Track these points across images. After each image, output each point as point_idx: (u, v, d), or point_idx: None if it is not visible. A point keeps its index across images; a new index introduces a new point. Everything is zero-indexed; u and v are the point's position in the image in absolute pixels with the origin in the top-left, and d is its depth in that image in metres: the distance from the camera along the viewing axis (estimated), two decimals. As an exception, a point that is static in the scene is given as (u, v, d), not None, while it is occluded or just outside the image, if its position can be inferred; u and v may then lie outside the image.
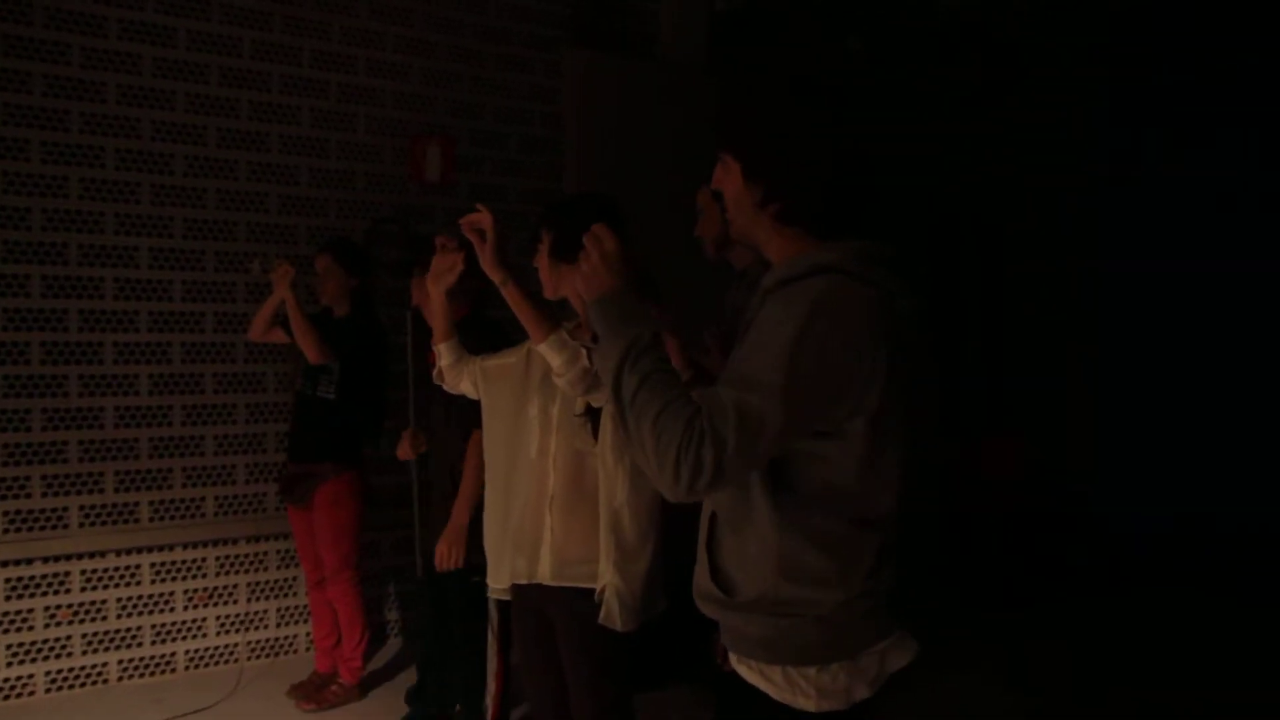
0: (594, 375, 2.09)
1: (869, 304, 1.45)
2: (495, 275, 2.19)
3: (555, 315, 2.26)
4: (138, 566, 3.99)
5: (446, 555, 3.14)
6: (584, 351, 2.11)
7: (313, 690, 3.79)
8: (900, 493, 1.52)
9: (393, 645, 4.48)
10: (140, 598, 4.00)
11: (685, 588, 1.75)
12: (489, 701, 3.26)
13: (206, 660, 4.13)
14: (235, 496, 4.18)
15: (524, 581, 2.35)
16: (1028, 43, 5.98)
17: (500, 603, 3.15)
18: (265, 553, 4.24)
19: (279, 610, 4.27)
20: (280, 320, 3.77)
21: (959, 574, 5.35)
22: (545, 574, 2.31)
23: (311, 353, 3.62)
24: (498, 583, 2.46)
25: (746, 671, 1.54)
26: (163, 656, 4.04)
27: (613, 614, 2.22)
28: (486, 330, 3.29)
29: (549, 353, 2.15)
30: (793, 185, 1.53)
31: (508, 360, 2.50)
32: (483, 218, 2.22)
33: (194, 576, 4.10)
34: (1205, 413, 5.88)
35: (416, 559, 3.64)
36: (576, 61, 5.04)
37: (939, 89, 6.02)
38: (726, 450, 1.34)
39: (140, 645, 4.00)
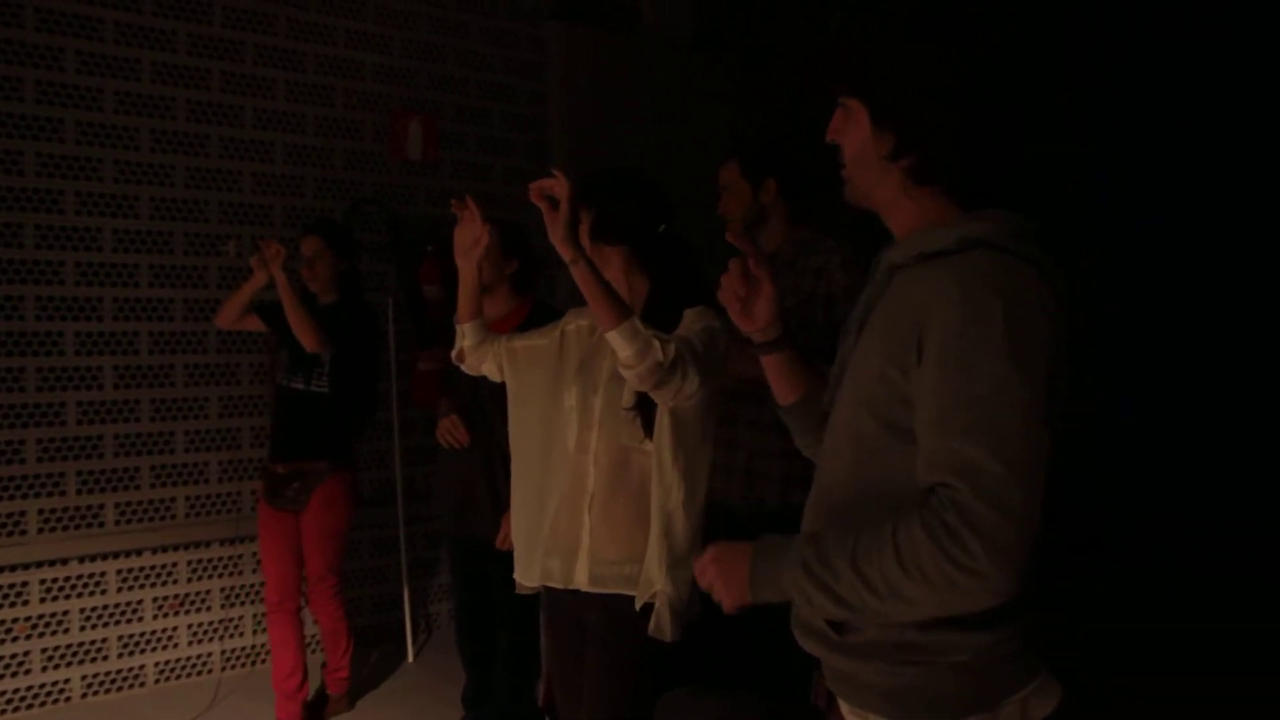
0: (667, 369, 1.90)
1: (1039, 286, 1.24)
2: (566, 251, 1.92)
3: (626, 302, 2.03)
4: (102, 574, 3.70)
5: (509, 533, 2.95)
6: (658, 344, 1.90)
7: None
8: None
9: (374, 651, 4.24)
10: (105, 608, 3.71)
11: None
12: (540, 696, 3.16)
13: (179, 672, 3.85)
14: (208, 496, 3.90)
15: (558, 586, 2.17)
16: (1010, 29, 5.90)
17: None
18: (240, 555, 3.97)
19: (256, 616, 4.00)
20: (255, 307, 3.46)
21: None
22: (582, 579, 2.13)
23: (309, 341, 3.31)
24: (527, 580, 2.26)
25: None
26: (130, 670, 3.76)
27: (664, 624, 2.05)
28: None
29: (619, 342, 1.90)
30: (932, 134, 1.32)
31: (538, 342, 2.30)
32: (558, 184, 1.94)
33: (164, 583, 3.82)
34: (1185, 400, 5.91)
35: (446, 553, 3.38)
36: (560, 35, 4.82)
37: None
38: (1009, 519, 1.14)
39: (106, 659, 3.71)
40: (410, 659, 4.19)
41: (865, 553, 1.22)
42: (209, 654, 3.91)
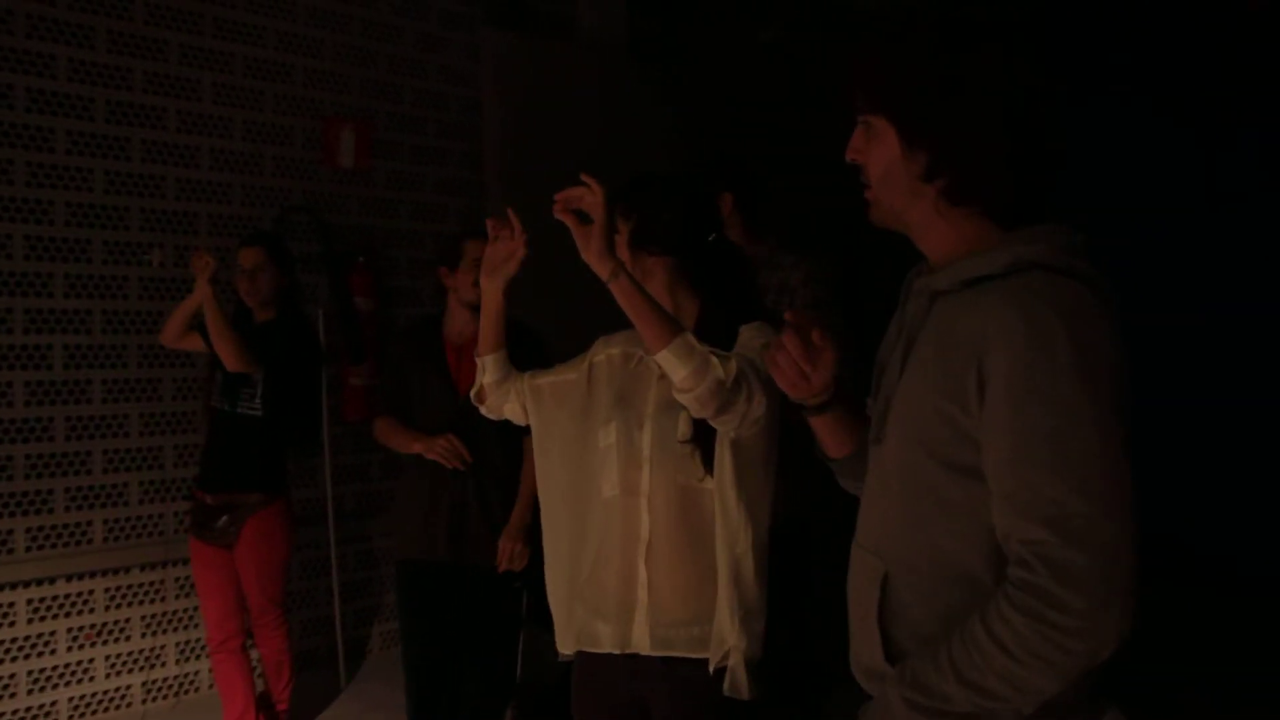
0: (730, 389, 1.68)
1: (1098, 306, 1.17)
2: (604, 267, 1.69)
3: (675, 317, 1.79)
4: (11, 604, 3.45)
5: (512, 553, 2.86)
6: (717, 361, 1.67)
7: None
8: None
9: (303, 677, 4.07)
10: (15, 640, 3.46)
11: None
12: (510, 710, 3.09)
13: (95, 707, 3.62)
14: (128, 520, 3.68)
15: (613, 651, 1.89)
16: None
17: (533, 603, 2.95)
18: (163, 581, 3.76)
19: (180, 645, 3.80)
20: (198, 325, 3.23)
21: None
22: (642, 642, 1.86)
23: (230, 359, 3.11)
24: (566, 648, 2.00)
25: None
26: (41, 707, 3.51)
27: (739, 683, 1.80)
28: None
29: (672, 362, 1.67)
30: (969, 152, 1.23)
31: (565, 377, 2.05)
32: (591, 196, 1.70)
33: (79, 612, 3.59)
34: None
35: (401, 579, 3.14)
36: (494, 42, 4.74)
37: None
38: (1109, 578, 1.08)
39: (14, 696, 3.46)
40: (343, 685, 4.03)
41: (968, 664, 1.15)
42: (128, 686, 3.69)
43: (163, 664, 3.77)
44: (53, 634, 3.53)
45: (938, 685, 1.17)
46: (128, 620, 3.68)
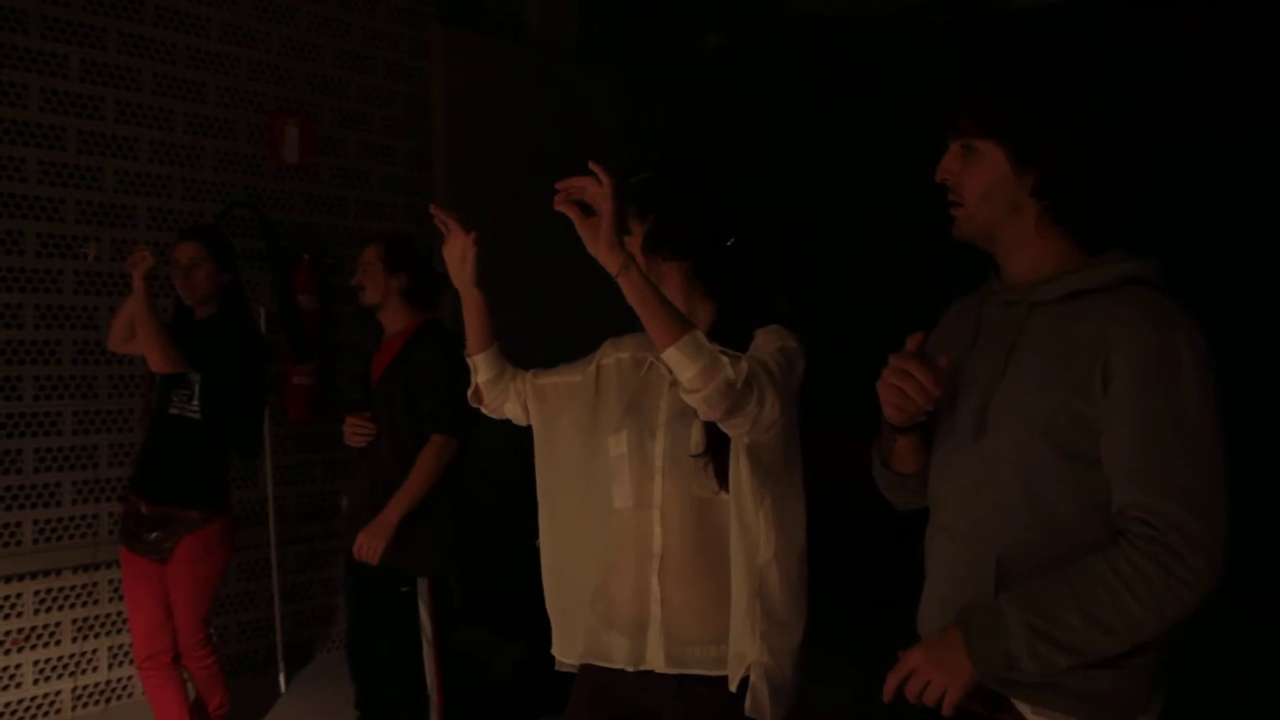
0: (740, 389, 1.59)
1: (1195, 319, 1.35)
2: (614, 259, 1.59)
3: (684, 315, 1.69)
4: (-65, 607, 3.34)
5: (365, 547, 2.91)
6: (726, 361, 1.59)
7: None
8: None
9: (241, 681, 3.99)
10: (-62, 644, 3.35)
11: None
12: (434, 715, 3.04)
13: (23, 714, 3.51)
14: (59, 520, 3.57)
15: (627, 668, 1.84)
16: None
17: (435, 609, 3.01)
18: (95, 584, 3.65)
19: (111, 649, 3.69)
20: None
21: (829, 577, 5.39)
22: (656, 659, 1.80)
23: (153, 358, 2.96)
24: (568, 657, 1.95)
25: None
26: (-34, 712, 3.40)
27: (762, 702, 1.73)
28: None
29: (680, 361, 1.57)
30: (1076, 176, 1.40)
31: (571, 379, 1.97)
32: (598, 188, 1.59)
33: (7, 617, 3.47)
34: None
35: (341, 561, 3.20)
36: (442, 39, 4.69)
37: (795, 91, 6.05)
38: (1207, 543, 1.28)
39: (-62, 701, 3.35)
40: (283, 689, 3.96)
41: (1092, 599, 1.29)
42: (57, 692, 3.58)
43: (95, 669, 3.66)
44: (-22, 639, 3.41)
45: (1062, 615, 1.30)
46: (58, 624, 3.58)
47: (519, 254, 3.79)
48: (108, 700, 3.69)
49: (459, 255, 1.89)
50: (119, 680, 3.72)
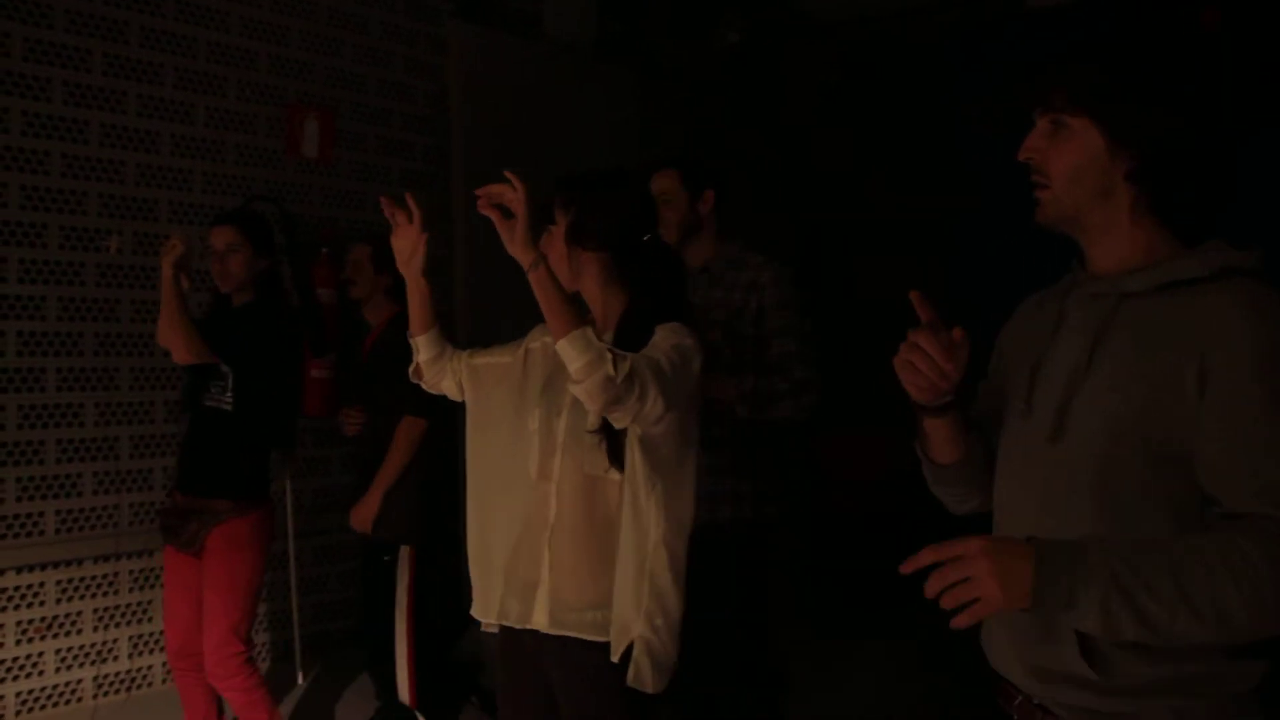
0: (620, 387, 1.73)
1: None
2: (526, 256, 1.80)
3: (582, 310, 1.93)
4: (-41, 596, 3.37)
5: (355, 519, 3.46)
6: (610, 357, 1.75)
7: None
8: None
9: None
10: (-38, 632, 3.38)
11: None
12: (404, 687, 3.33)
13: (45, 702, 3.54)
14: (81, 511, 3.61)
15: (515, 625, 2.04)
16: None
17: (413, 580, 3.43)
18: (117, 574, 3.68)
19: (132, 639, 3.72)
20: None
21: (837, 575, 5.40)
22: (541, 620, 1.97)
23: (177, 350, 2.88)
24: (485, 616, 2.11)
25: None
26: (-11, 700, 3.44)
27: (643, 674, 1.88)
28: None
29: (569, 352, 1.75)
30: (1175, 159, 1.29)
31: (502, 360, 2.16)
32: (513, 194, 1.79)
33: (29, 605, 3.50)
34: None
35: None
36: (461, 36, 4.71)
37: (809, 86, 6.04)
38: None
39: (-39, 688, 3.38)
40: (300, 681, 3.99)
41: (1188, 574, 1.15)
42: (79, 681, 3.62)
43: (116, 658, 3.70)
44: (1, 627, 3.44)
45: (1152, 578, 1.15)
46: (79, 614, 3.61)
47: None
48: (129, 689, 3.73)
49: (410, 248, 2.06)
50: (140, 669, 3.75)
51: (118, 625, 3.69)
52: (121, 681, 3.72)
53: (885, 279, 6.39)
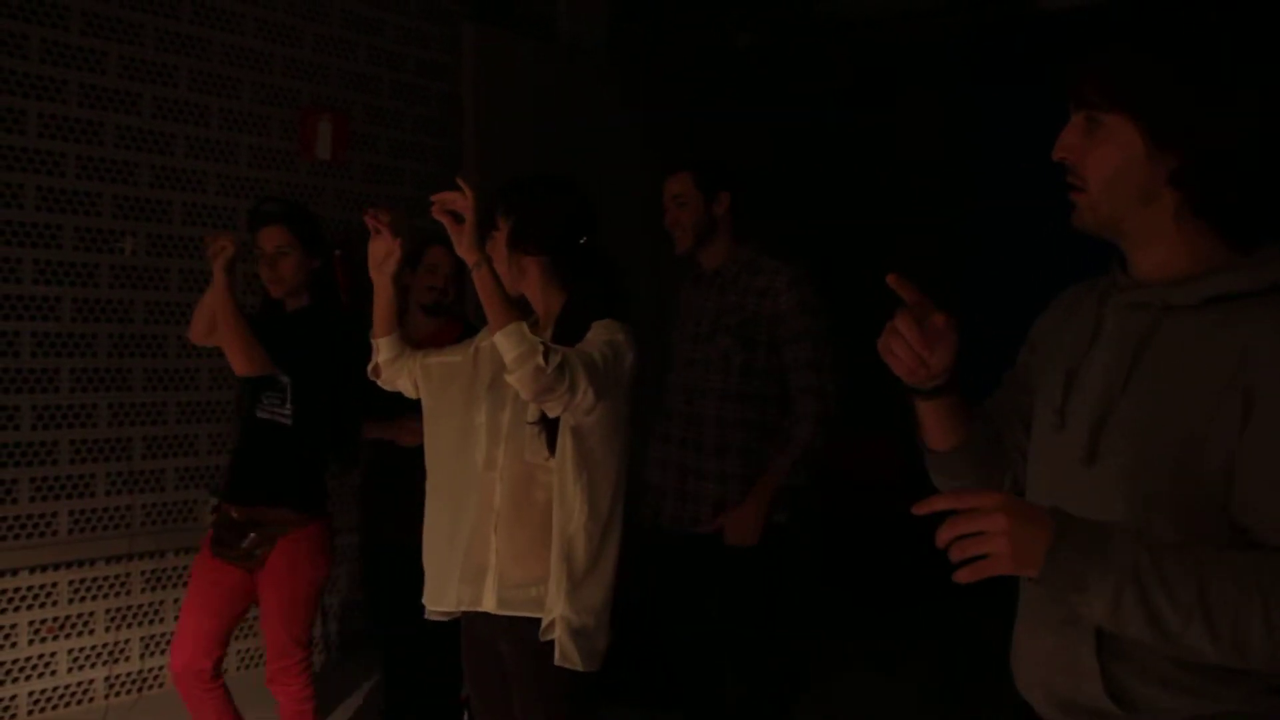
0: (551, 377, 1.88)
1: None
2: (471, 256, 1.96)
3: (522, 309, 2.06)
4: (-28, 595, 3.39)
5: None
6: (541, 348, 1.89)
7: None
8: None
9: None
10: (-25, 632, 3.39)
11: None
12: None
13: (56, 702, 3.55)
14: (94, 511, 3.62)
15: (469, 609, 2.15)
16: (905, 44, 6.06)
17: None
18: (128, 574, 3.69)
19: (144, 639, 3.74)
20: None
21: (847, 576, 5.39)
22: (490, 602, 2.10)
23: (239, 361, 2.67)
24: (438, 605, 2.20)
25: None
26: (1, 701, 3.44)
27: (569, 653, 2.01)
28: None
29: (504, 344, 1.90)
30: (1225, 159, 1.15)
31: (453, 359, 2.28)
32: (462, 200, 1.95)
33: (42, 605, 3.52)
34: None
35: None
36: (474, 38, 4.72)
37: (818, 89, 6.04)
38: None
39: (-26, 688, 3.39)
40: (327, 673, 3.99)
41: (1218, 585, 1.06)
42: (91, 681, 3.63)
43: (127, 658, 3.71)
44: (13, 627, 3.46)
45: (1176, 577, 1.06)
46: (92, 614, 3.62)
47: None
48: (140, 690, 3.74)
49: (383, 254, 2.19)
50: (151, 670, 3.76)
51: (129, 626, 3.70)
52: (133, 682, 3.73)
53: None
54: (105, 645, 3.65)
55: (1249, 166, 1.18)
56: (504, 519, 2.10)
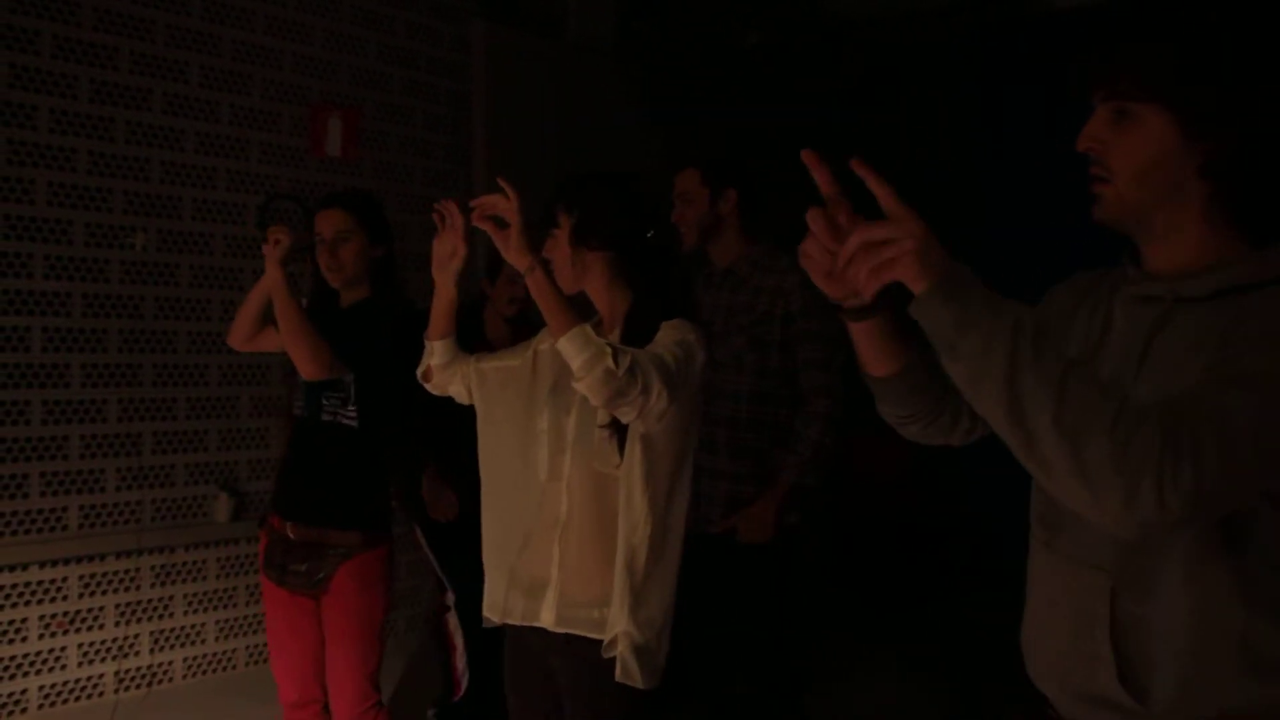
0: (622, 380, 1.76)
1: None
2: (522, 261, 1.87)
3: (582, 310, 1.95)
4: (-17, 590, 3.39)
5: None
6: (609, 351, 1.77)
7: None
8: None
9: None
10: (-14, 626, 3.40)
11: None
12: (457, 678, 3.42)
13: (66, 696, 3.56)
14: (103, 506, 3.62)
15: (520, 623, 2.05)
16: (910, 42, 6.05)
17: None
18: (138, 569, 3.70)
19: (153, 634, 3.74)
20: (274, 319, 2.51)
21: (852, 576, 5.39)
22: (548, 618, 1.99)
23: (306, 364, 2.42)
24: (492, 613, 2.12)
25: None
26: (11, 695, 3.45)
27: (630, 670, 1.91)
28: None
29: (570, 350, 1.79)
30: (1258, 151, 1.13)
31: (510, 363, 2.17)
32: (505, 203, 1.87)
33: (52, 600, 3.52)
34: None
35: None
36: (484, 35, 4.72)
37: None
38: (1205, 470, 0.99)
39: (-16, 682, 3.40)
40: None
41: (1078, 382, 1.04)
42: (101, 675, 3.63)
43: (137, 653, 3.71)
44: (24, 621, 3.46)
45: (1046, 352, 1.06)
46: (102, 609, 3.63)
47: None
48: (149, 684, 3.74)
49: (449, 251, 2.08)
50: (160, 665, 3.77)
51: (139, 620, 3.71)
52: (143, 676, 3.73)
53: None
54: (115, 640, 3.66)
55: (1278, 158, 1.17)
56: (570, 532, 1.99)
